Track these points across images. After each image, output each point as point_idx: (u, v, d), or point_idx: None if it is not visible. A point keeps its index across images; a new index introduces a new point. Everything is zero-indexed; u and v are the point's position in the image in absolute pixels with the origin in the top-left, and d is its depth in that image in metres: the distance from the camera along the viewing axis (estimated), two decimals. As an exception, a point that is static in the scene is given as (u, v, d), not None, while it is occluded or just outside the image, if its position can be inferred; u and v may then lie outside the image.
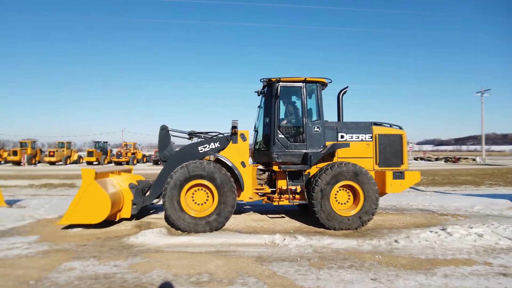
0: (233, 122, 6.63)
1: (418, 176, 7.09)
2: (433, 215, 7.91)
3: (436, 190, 12.87)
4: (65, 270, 4.33)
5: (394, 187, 6.81)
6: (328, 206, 6.42)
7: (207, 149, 6.79)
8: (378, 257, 4.88)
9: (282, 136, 6.88)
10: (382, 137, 7.11)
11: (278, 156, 6.82)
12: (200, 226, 6.25)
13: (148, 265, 4.53)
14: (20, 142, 34.32)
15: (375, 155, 7.07)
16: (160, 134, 7.06)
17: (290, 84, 7.02)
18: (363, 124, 7.19)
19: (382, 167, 7.07)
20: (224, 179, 6.36)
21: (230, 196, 6.36)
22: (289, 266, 4.48)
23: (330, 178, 6.45)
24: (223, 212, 6.32)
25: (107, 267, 4.46)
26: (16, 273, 4.26)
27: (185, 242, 5.63)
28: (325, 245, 5.43)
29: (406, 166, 7.16)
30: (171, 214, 6.21)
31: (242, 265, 4.54)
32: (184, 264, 4.57)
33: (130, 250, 5.18)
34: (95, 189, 6.17)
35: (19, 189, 13.19)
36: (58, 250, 5.20)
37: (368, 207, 6.46)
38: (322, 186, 6.43)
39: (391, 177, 6.80)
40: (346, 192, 6.74)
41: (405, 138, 7.19)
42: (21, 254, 4.98)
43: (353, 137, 7.07)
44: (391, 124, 7.39)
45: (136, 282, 3.97)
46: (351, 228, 6.44)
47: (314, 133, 6.88)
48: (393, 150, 7.12)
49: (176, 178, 6.28)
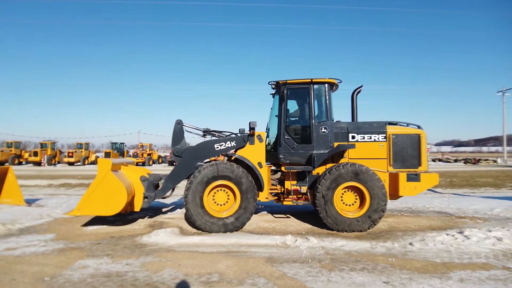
0: (252, 124, 6.65)
1: (436, 179, 6.72)
2: (450, 217, 7.70)
3: (454, 192, 12.53)
4: (79, 268, 4.42)
5: (408, 189, 6.53)
6: (333, 210, 6.35)
7: (223, 147, 6.81)
8: (391, 260, 4.78)
9: (289, 137, 6.91)
10: (397, 137, 6.82)
11: (285, 157, 6.87)
12: (215, 226, 6.28)
13: (160, 264, 4.58)
14: (41, 143, 35.33)
15: (389, 156, 6.82)
16: (175, 128, 7.13)
17: (296, 86, 7.01)
18: (376, 124, 6.94)
19: (397, 168, 6.78)
20: (249, 186, 6.41)
21: (252, 203, 6.41)
22: (300, 268, 4.44)
23: (330, 182, 6.37)
24: (242, 218, 6.37)
25: (120, 265, 4.53)
26: (33, 269, 4.37)
27: (196, 242, 5.66)
28: (337, 247, 5.36)
29: (425, 167, 6.80)
30: (191, 208, 6.26)
31: (252, 266, 4.53)
32: (195, 263, 4.60)
33: (143, 249, 5.25)
34: (111, 179, 6.10)
35: (39, 189, 13.56)
36: (73, 248, 5.32)
37: (376, 205, 6.31)
38: (323, 192, 6.37)
39: (404, 179, 6.53)
40: (352, 193, 6.60)
41: (424, 138, 6.82)
42: (37, 252, 5.11)
43: (364, 137, 6.88)
44: (409, 123, 7.08)
45: (147, 280, 4.01)
46: (363, 229, 6.33)
47: (321, 134, 6.81)
48: (409, 151, 6.80)
49: (204, 174, 6.33)
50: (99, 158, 6.41)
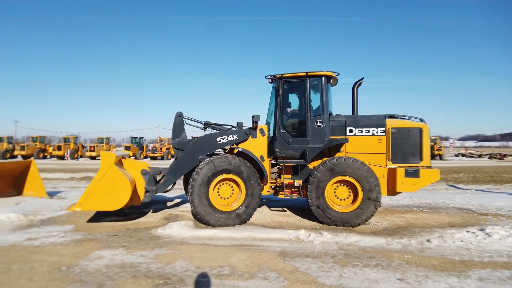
0: (255, 117, 6.63)
1: (437, 175, 6.44)
2: (472, 214, 7.44)
3: (477, 188, 12.10)
4: (95, 258, 4.53)
5: (406, 185, 6.36)
6: (325, 204, 6.31)
7: (226, 141, 6.79)
8: (407, 256, 4.66)
9: (284, 131, 6.92)
10: (396, 131, 6.60)
11: (280, 151, 6.88)
12: (230, 220, 6.30)
13: (173, 256, 4.63)
14: (64, 138, 36.45)
15: (388, 151, 6.61)
16: (175, 121, 7.07)
17: (292, 79, 6.98)
18: (375, 118, 6.75)
19: (396, 163, 6.58)
20: (250, 172, 6.41)
21: (257, 188, 6.42)
22: (312, 263, 4.39)
23: (321, 176, 6.35)
24: (252, 204, 6.38)
25: (134, 256, 4.61)
26: (51, 259, 4.51)
27: (209, 235, 5.70)
28: (351, 243, 5.27)
29: (426, 163, 6.54)
30: (200, 211, 6.24)
31: (264, 260, 4.51)
32: (207, 256, 4.62)
33: (157, 241, 5.32)
34: (115, 173, 5.92)
35: (61, 182, 13.99)
36: (90, 239, 5.45)
37: (368, 199, 6.19)
38: (314, 186, 6.37)
39: (402, 174, 6.36)
40: (345, 187, 6.49)
41: (425, 132, 6.54)
42: (56, 242, 5.27)
43: (362, 131, 6.72)
44: (410, 116, 6.84)
45: (160, 272, 4.07)
46: (354, 224, 6.24)
47: (316, 128, 6.74)
48: (410, 145, 6.55)
49: (203, 174, 6.31)
50: (102, 151, 6.30)
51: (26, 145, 33.94)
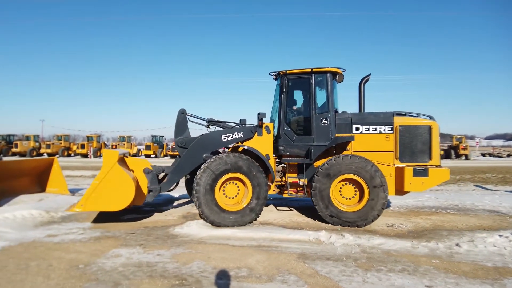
0: (261, 115, 6.47)
1: (447, 175, 6.19)
2: (503, 217, 7.02)
3: (507, 190, 11.50)
4: (112, 257, 4.50)
5: (415, 185, 6.13)
6: (329, 204, 6.16)
7: (231, 139, 6.62)
8: (435, 261, 4.40)
9: (289, 129, 6.77)
10: (404, 129, 6.38)
11: (285, 149, 6.73)
12: (247, 217, 6.19)
13: (190, 256, 4.55)
14: (87, 136, 37.46)
15: (396, 149, 6.39)
16: (178, 118, 6.86)
17: (297, 76, 6.80)
18: (383, 115, 6.54)
19: (404, 162, 6.37)
20: (249, 164, 6.24)
21: (261, 177, 6.26)
22: (334, 266, 4.20)
23: (324, 174, 6.16)
24: (261, 194, 6.24)
25: (151, 255, 4.56)
26: (69, 256, 4.51)
27: (227, 234, 5.58)
28: (374, 245, 5.03)
29: (436, 162, 6.31)
30: (214, 218, 6.07)
31: (283, 262, 4.36)
32: (224, 257, 4.51)
33: (174, 240, 5.26)
34: (118, 172, 5.69)
35: (83, 179, 14.27)
36: (108, 237, 5.45)
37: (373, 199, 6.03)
38: (319, 185, 6.18)
39: (410, 174, 6.12)
40: (351, 186, 6.31)
41: (435, 130, 6.31)
42: (75, 239, 5.29)
43: (369, 129, 6.51)
44: (419, 114, 6.59)
45: (176, 272, 3.98)
46: (360, 224, 6.09)
47: (321, 125, 6.55)
48: (419, 144, 6.34)
49: (204, 183, 6.07)
50: (104, 149, 6.04)
51: (52, 143, 35.05)
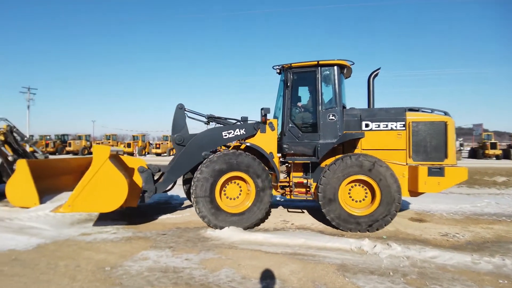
0: (264, 110, 6.04)
1: (465, 174, 5.73)
2: None
3: None
4: (140, 259, 4.33)
5: (430, 185, 5.67)
6: (338, 206, 5.70)
7: (232, 136, 6.19)
8: (502, 281, 3.72)
9: (294, 126, 6.32)
10: (418, 125, 5.92)
11: (289, 147, 6.30)
12: (251, 219, 5.77)
13: (219, 262, 4.25)
14: (133, 136, 39.12)
15: (408, 147, 5.93)
16: (176, 114, 6.40)
17: (302, 69, 6.32)
18: (394, 111, 6.06)
19: (418, 161, 5.92)
20: (252, 162, 5.80)
21: (264, 176, 5.82)
22: (379, 282, 3.68)
23: (333, 175, 5.68)
24: (265, 194, 5.81)
25: (179, 259, 4.32)
26: (98, 257, 4.41)
27: (260, 239, 5.21)
28: (427, 259, 4.40)
29: (451, 160, 5.85)
30: (217, 223, 5.68)
31: (320, 274, 3.91)
32: (255, 265, 4.15)
33: (205, 244, 5.00)
34: (109, 170, 5.18)
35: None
36: (139, 237, 5.33)
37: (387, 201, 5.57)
38: (326, 186, 5.71)
39: (425, 173, 5.67)
40: (361, 187, 5.85)
41: (451, 126, 5.86)
42: (107, 239, 5.22)
43: (380, 125, 6.05)
44: (433, 109, 6.13)
45: (202, 280, 3.69)
46: (371, 229, 5.63)
47: (328, 122, 6.07)
48: (433, 141, 5.90)
49: (204, 183, 5.67)
50: (94, 145, 5.59)
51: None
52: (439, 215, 7.08)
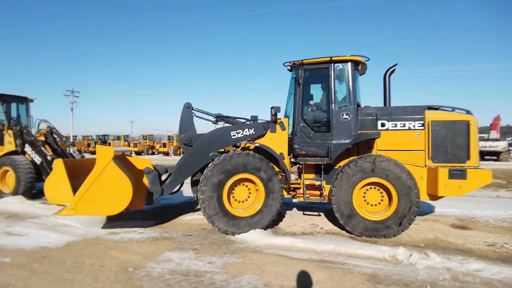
0: (275, 109, 5.71)
1: (489, 177, 5.35)
2: None
3: None
4: (163, 261, 4.28)
5: (451, 189, 5.34)
6: (352, 210, 5.42)
7: (241, 135, 5.92)
8: (562, 302, 3.25)
9: (305, 125, 6.03)
10: (438, 125, 5.57)
11: (300, 147, 6.01)
12: (260, 222, 5.51)
13: (242, 267, 4.10)
14: (168, 136, 40.17)
15: (428, 148, 5.59)
16: (183, 113, 6.16)
17: (314, 66, 6.02)
18: (412, 109, 5.71)
19: (438, 163, 5.58)
20: (262, 163, 5.52)
21: (275, 178, 5.54)
22: (414, 296, 3.35)
23: (347, 177, 5.41)
24: (276, 197, 5.55)
25: (202, 263, 4.22)
26: (123, 257, 4.42)
27: (287, 244, 4.98)
28: (470, 271, 3.98)
29: (474, 162, 5.49)
30: (227, 228, 5.46)
31: (349, 284, 3.64)
32: (280, 271, 3.96)
33: (229, 247, 4.88)
34: (113, 171, 5.06)
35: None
36: (165, 238, 5.31)
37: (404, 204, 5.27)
38: (339, 189, 5.45)
39: (445, 176, 5.34)
40: (377, 190, 5.56)
41: (473, 126, 5.50)
42: (134, 239, 5.25)
43: (397, 125, 5.71)
44: (454, 107, 5.73)
45: (224, 286, 3.56)
46: (388, 235, 5.32)
47: (342, 121, 5.74)
48: (454, 141, 5.55)
49: (211, 185, 5.42)
50: (97, 145, 5.48)
51: (138, 142, 38.34)
52: (484, 222, 6.50)
